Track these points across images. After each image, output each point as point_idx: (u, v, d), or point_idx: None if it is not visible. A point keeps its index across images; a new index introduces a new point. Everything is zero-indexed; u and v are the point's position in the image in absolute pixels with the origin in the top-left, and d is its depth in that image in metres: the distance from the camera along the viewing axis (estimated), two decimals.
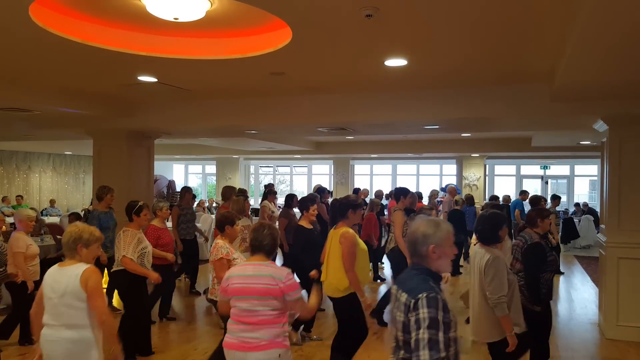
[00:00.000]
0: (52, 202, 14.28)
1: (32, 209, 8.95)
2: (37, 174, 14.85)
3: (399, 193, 6.12)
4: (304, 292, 3.24)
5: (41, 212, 12.42)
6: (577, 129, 7.20)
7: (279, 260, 7.28)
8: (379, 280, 7.95)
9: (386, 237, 7.27)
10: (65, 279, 2.62)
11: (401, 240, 5.63)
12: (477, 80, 5.14)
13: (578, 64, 3.63)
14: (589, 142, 9.68)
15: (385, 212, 8.90)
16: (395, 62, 4.36)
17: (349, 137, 11.51)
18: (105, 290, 5.43)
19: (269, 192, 7.71)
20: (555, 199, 9.52)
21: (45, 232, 8.01)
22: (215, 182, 17.59)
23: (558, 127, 7.23)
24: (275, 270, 2.61)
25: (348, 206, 3.85)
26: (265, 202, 7.47)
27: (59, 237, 7.74)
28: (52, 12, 3.45)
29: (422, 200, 8.81)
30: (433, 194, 9.83)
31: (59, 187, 15.50)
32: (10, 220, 9.96)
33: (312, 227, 5.06)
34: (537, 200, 7.53)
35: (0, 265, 4.48)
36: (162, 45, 4.04)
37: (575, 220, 12.20)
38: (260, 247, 2.68)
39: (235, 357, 2.56)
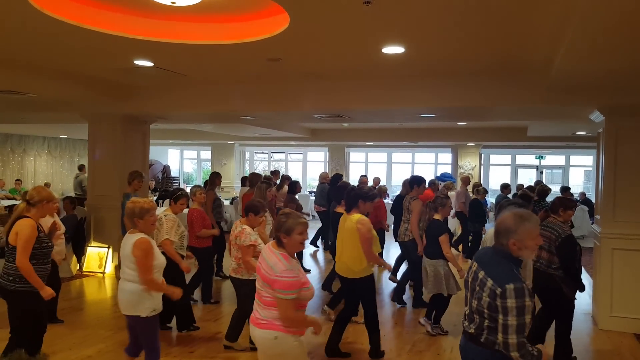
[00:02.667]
0: (47, 185, 14.20)
1: (25, 192, 8.91)
2: (32, 157, 14.75)
3: (414, 181, 6.20)
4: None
5: None
6: (573, 119, 7.21)
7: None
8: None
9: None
10: (127, 245, 3.26)
11: (416, 228, 5.81)
12: (473, 69, 5.12)
13: (576, 52, 3.62)
14: (584, 133, 9.71)
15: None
16: (393, 49, 4.33)
17: (344, 125, 11.49)
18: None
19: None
20: (566, 190, 9.42)
21: None
22: (210, 167, 17.54)
23: (554, 116, 7.24)
24: (276, 262, 2.61)
25: (359, 197, 4.27)
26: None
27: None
28: None
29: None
30: (449, 186, 9.33)
31: (54, 170, 15.41)
32: (5, 203, 9.92)
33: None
34: (562, 191, 7.52)
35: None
36: (159, 30, 3.99)
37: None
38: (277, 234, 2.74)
39: (251, 330, 2.77)
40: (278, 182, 8.51)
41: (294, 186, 7.56)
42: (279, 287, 2.52)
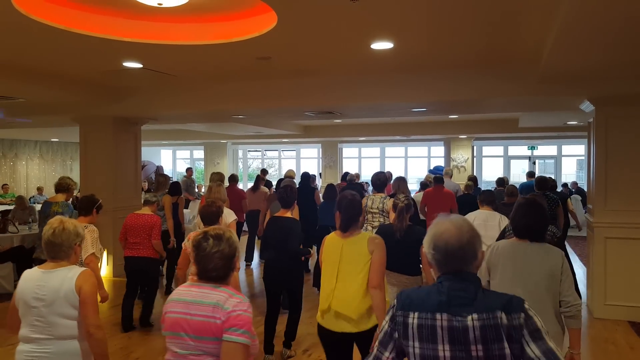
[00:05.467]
0: (39, 189, 14.11)
1: (20, 196, 8.84)
2: (24, 162, 14.64)
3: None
4: None
5: (29, 200, 12.30)
6: (564, 109, 7.25)
7: None
8: None
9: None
10: (56, 284, 2.21)
11: None
12: (463, 62, 5.13)
13: (564, 45, 3.64)
14: (575, 123, 9.76)
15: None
16: (382, 45, 4.33)
17: (337, 121, 11.48)
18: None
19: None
20: (501, 184, 8.54)
21: (33, 220, 7.94)
22: (203, 167, 17.49)
23: (545, 108, 7.27)
24: (223, 298, 1.79)
25: (360, 212, 2.89)
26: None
27: None
28: None
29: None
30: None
31: (47, 174, 15.30)
32: None
33: None
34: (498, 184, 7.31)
35: None
36: (147, 31, 3.96)
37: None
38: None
39: None
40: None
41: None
42: (233, 326, 1.76)
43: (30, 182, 14.74)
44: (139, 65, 5.16)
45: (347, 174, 9.53)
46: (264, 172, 9.60)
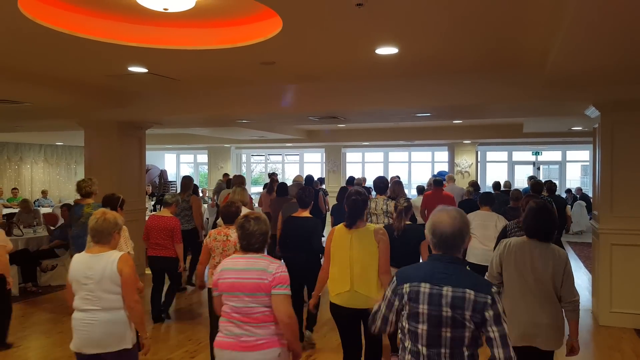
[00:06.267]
0: (44, 193, 14.17)
1: (24, 200, 8.88)
2: (28, 165, 14.70)
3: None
4: None
5: (34, 203, 12.35)
6: (569, 115, 7.23)
7: None
8: None
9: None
10: (101, 266, 2.73)
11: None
12: (468, 67, 5.12)
13: (570, 49, 3.63)
14: (580, 128, 9.72)
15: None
16: (387, 50, 4.33)
17: (340, 125, 11.48)
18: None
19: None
20: (496, 187, 8.89)
21: (38, 223, 7.96)
22: (207, 171, 17.51)
23: (550, 113, 7.25)
24: (266, 264, 2.42)
25: (365, 208, 3.31)
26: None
27: (52, 227, 7.72)
28: (41, 4, 3.38)
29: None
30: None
31: (51, 178, 15.36)
32: (4, 211, 9.87)
33: None
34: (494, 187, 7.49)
35: None
36: (152, 36, 3.98)
37: (568, 206, 12.28)
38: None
39: (231, 357, 2.37)
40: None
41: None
42: (279, 283, 2.36)
43: (35, 185, 14.79)
44: (144, 70, 5.18)
45: (352, 178, 9.54)
46: (274, 175, 9.72)
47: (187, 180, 6.84)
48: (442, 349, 1.87)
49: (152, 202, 11.87)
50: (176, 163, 20.11)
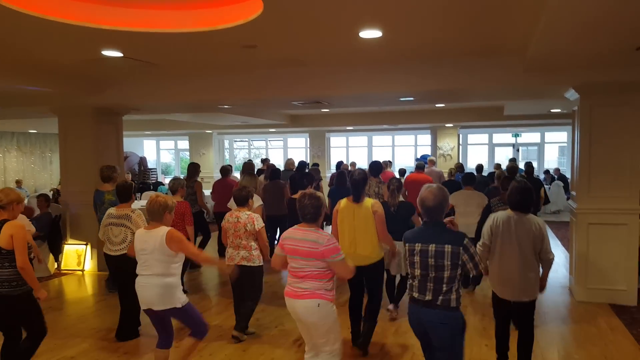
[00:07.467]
0: (18, 182, 13.78)
1: None
2: (0, 154, 14.25)
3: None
4: None
5: None
6: (549, 97, 7.31)
7: None
8: None
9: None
10: (153, 240, 3.28)
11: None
12: (451, 51, 5.10)
13: (551, 34, 3.64)
14: (559, 110, 9.86)
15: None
16: (370, 33, 4.27)
17: (324, 110, 11.41)
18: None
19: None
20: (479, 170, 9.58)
21: None
22: (189, 157, 17.26)
23: (530, 96, 7.32)
24: (318, 237, 2.99)
25: (365, 185, 4.10)
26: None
27: (29, 219, 7.51)
28: None
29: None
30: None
31: (25, 167, 14.92)
32: None
33: None
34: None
35: None
36: (127, 18, 3.83)
37: (545, 186, 12.56)
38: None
39: (289, 303, 3.07)
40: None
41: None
42: (332, 253, 2.96)
43: (8, 175, 14.35)
44: (120, 54, 5.02)
45: (340, 162, 9.55)
46: (267, 161, 9.74)
47: (194, 167, 7.13)
48: (428, 284, 2.78)
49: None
50: (156, 149, 19.76)
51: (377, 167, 6.16)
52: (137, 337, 4.57)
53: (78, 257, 7.14)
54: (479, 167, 9.56)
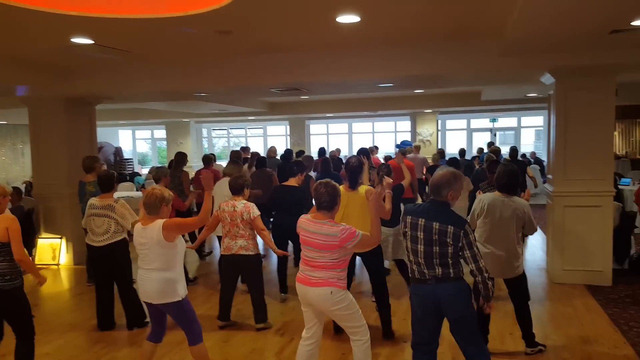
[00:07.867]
0: None
1: None
2: None
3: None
4: None
5: None
6: (525, 82, 7.39)
7: None
8: None
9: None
10: (150, 235, 3.19)
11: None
12: (429, 37, 5.09)
13: (527, 17, 3.64)
14: (535, 94, 10.00)
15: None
16: (348, 18, 4.21)
17: (303, 97, 11.32)
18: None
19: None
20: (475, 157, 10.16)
21: None
22: (166, 147, 16.95)
23: (507, 81, 7.38)
24: (334, 231, 3.00)
25: (360, 170, 4.15)
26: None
27: None
28: None
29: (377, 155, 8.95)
30: (408, 151, 9.51)
31: None
32: None
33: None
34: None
35: None
36: (97, 4, 3.67)
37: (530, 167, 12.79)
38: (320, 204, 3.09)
39: (301, 289, 3.14)
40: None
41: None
42: (350, 239, 2.98)
43: None
44: (90, 42, 4.84)
45: (323, 149, 9.45)
46: (246, 149, 9.60)
47: (180, 157, 7.01)
48: (434, 259, 2.82)
49: None
50: (132, 139, 19.37)
51: (367, 153, 6.31)
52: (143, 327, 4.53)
53: (53, 251, 6.97)
54: (462, 152, 9.79)
